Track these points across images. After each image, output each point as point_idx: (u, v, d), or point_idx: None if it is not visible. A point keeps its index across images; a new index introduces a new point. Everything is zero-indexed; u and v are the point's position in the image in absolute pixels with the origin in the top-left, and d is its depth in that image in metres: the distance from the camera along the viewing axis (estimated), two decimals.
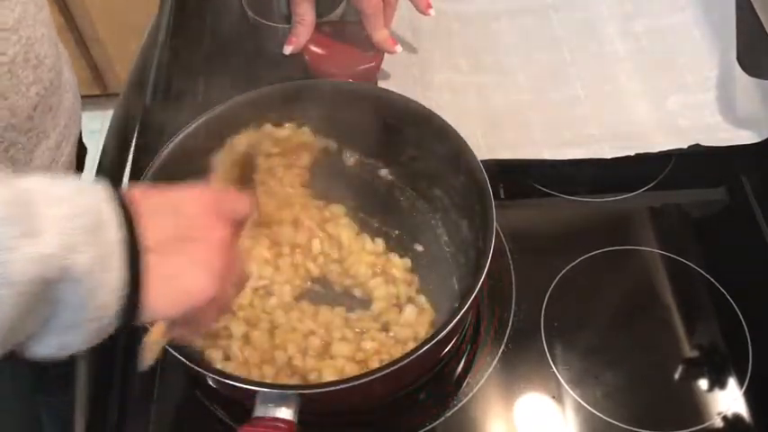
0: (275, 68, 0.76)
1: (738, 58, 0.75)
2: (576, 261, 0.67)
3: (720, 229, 0.71)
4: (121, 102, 0.87)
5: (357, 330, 0.60)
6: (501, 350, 0.62)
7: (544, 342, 0.62)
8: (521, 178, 0.73)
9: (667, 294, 0.65)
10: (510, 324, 0.63)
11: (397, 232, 0.68)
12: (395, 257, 0.65)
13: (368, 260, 0.64)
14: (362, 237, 0.66)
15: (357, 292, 0.64)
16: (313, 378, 0.57)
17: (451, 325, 0.51)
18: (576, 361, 0.61)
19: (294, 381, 0.57)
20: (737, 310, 0.64)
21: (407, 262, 0.65)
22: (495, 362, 0.61)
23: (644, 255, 0.68)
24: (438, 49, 0.81)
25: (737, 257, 0.68)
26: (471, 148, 0.61)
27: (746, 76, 0.73)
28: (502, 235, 0.68)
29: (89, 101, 1.91)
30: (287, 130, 0.66)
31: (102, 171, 0.80)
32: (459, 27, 0.84)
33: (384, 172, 0.70)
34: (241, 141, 0.63)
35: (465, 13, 0.86)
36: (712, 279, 0.66)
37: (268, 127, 0.65)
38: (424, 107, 0.64)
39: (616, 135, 0.73)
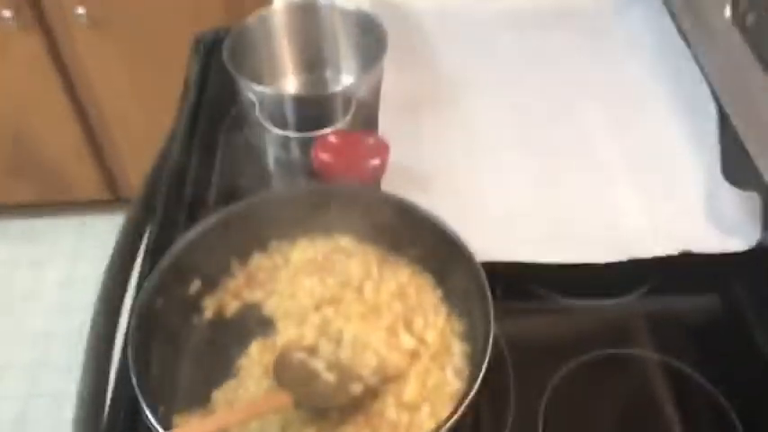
0: (287, 175, 0.80)
1: (724, 171, 0.79)
2: (574, 364, 0.68)
3: (715, 334, 0.73)
4: (134, 207, 0.90)
5: None
6: None
7: None
8: (518, 280, 0.74)
9: (665, 400, 0.66)
10: (508, 427, 0.64)
11: None
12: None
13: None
14: None
15: None
16: None
17: (446, 428, 0.52)
18: None
19: None
20: (734, 416, 0.64)
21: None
22: None
23: (641, 359, 0.69)
24: (438, 157, 0.86)
25: (732, 363, 0.69)
26: (470, 250, 0.64)
27: (732, 187, 0.77)
28: (500, 334, 0.69)
29: (100, 205, 1.98)
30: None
31: (110, 273, 0.82)
32: (458, 137, 0.89)
33: None
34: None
35: (463, 124, 0.91)
36: (709, 384, 0.67)
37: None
38: (423, 210, 0.68)
39: (609, 240, 0.76)
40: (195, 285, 0.69)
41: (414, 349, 0.65)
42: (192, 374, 0.65)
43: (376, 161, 0.78)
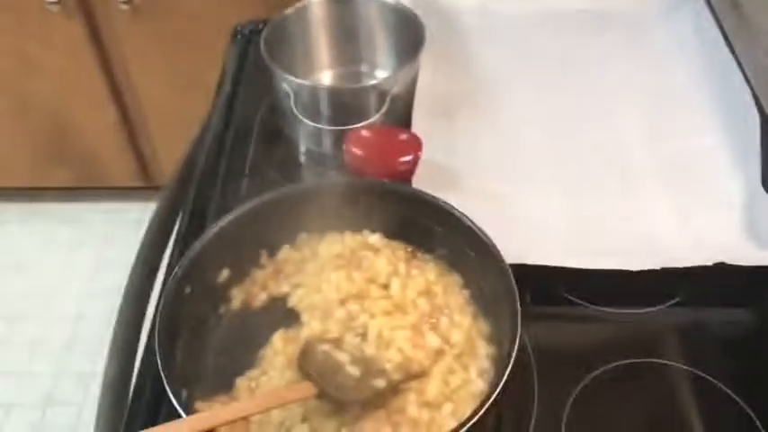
0: (318, 168, 0.80)
1: (763, 182, 0.77)
2: (600, 371, 0.67)
3: (747, 348, 0.71)
4: (167, 194, 0.91)
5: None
6: None
7: None
8: (548, 285, 0.74)
9: (692, 412, 0.65)
10: (531, 430, 0.63)
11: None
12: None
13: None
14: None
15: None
16: None
17: (467, 427, 0.51)
18: None
19: None
20: (762, 431, 0.63)
21: None
22: None
23: (668, 369, 0.68)
24: (471, 158, 0.85)
25: (763, 378, 0.68)
26: (500, 252, 0.63)
27: None
28: (526, 339, 0.68)
29: (132, 192, 2.02)
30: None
31: (140, 259, 0.83)
32: (491, 139, 0.88)
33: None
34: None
35: (497, 126, 0.90)
36: (738, 399, 0.65)
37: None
38: (454, 208, 0.67)
39: (642, 248, 0.75)
40: (224, 275, 0.69)
41: (438, 348, 0.65)
42: (216, 363, 0.66)
43: (408, 157, 0.78)
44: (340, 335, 0.66)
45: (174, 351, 0.61)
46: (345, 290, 0.69)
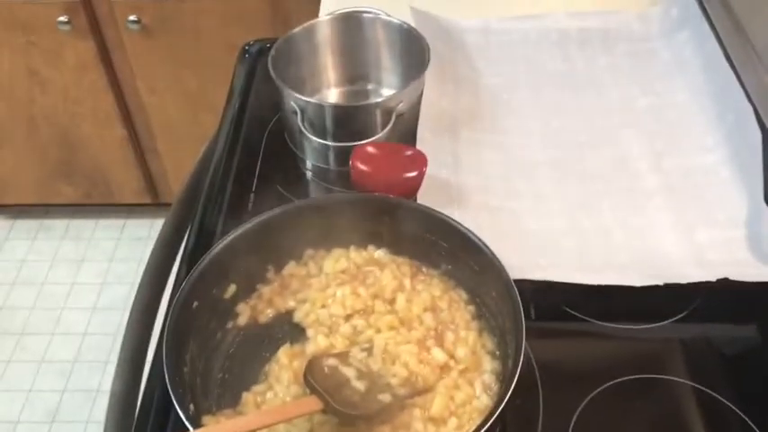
0: (325, 184, 0.81)
1: (766, 198, 0.78)
2: (604, 386, 0.67)
3: (752, 364, 0.71)
4: (174, 211, 0.92)
5: None
6: None
7: None
8: (552, 300, 0.74)
9: (696, 427, 0.65)
10: None
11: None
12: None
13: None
14: None
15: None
16: None
17: None
18: None
19: None
20: None
21: None
22: None
23: (673, 385, 0.68)
24: (475, 174, 0.86)
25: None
26: (505, 268, 0.64)
27: None
28: (531, 354, 0.69)
29: (139, 209, 2.03)
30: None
31: (147, 274, 0.84)
32: (495, 156, 0.89)
33: None
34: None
35: (501, 144, 0.91)
36: (743, 415, 0.65)
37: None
38: (459, 224, 0.68)
39: (645, 264, 0.75)
40: (231, 290, 0.70)
41: (444, 363, 0.65)
42: (223, 377, 0.66)
43: (413, 173, 0.79)
44: (347, 349, 0.66)
45: (180, 365, 0.62)
46: (351, 305, 0.69)
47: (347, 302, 0.70)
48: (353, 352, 0.66)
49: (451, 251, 0.70)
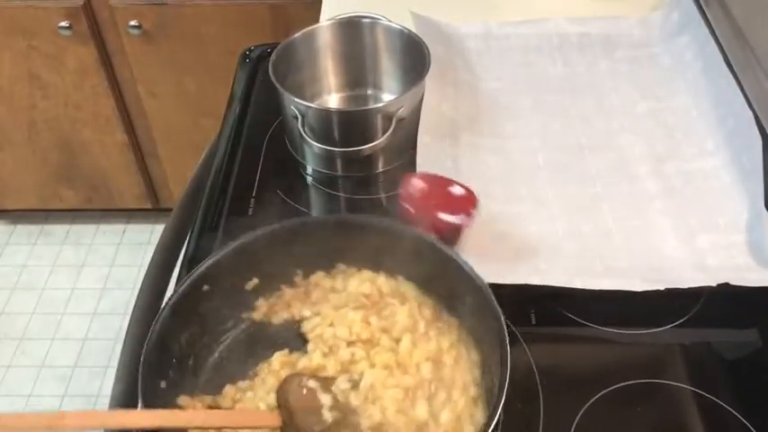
0: (326, 189, 0.80)
1: (766, 203, 0.78)
2: (605, 391, 0.67)
3: (753, 369, 0.71)
4: (175, 216, 0.92)
5: None
6: None
7: None
8: (552, 306, 0.74)
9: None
10: None
11: None
12: None
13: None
14: None
15: None
16: None
17: None
18: None
19: None
20: None
21: None
22: None
23: (674, 390, 0.68)
24: (475, 179, 0.86)
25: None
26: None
27: None
28: (531, 359, 0.69)
29: (140, 214, 2.03)
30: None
31: (148, 279, 0.83)
32: (495, 160, 0.89)
33: None
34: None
35: (502, 148, 0.91)
36: (744, 420, 0.65)
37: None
38: (488, 290, 0.63)
39: (646, 269, 0.75)
40: (253, 282, 0.70)
41: (423, 422, 0.61)
42: (220, 362, 0.67)
43: (460, 217, 0.73)
44: (334, 375, 0.64)
45: (171, 342, 0.62)
46: (357, 332, 0.67)
47: (354, 328, 0.67)
48: (339, 380, 0.63)
49: (477, 308, 0.65)
